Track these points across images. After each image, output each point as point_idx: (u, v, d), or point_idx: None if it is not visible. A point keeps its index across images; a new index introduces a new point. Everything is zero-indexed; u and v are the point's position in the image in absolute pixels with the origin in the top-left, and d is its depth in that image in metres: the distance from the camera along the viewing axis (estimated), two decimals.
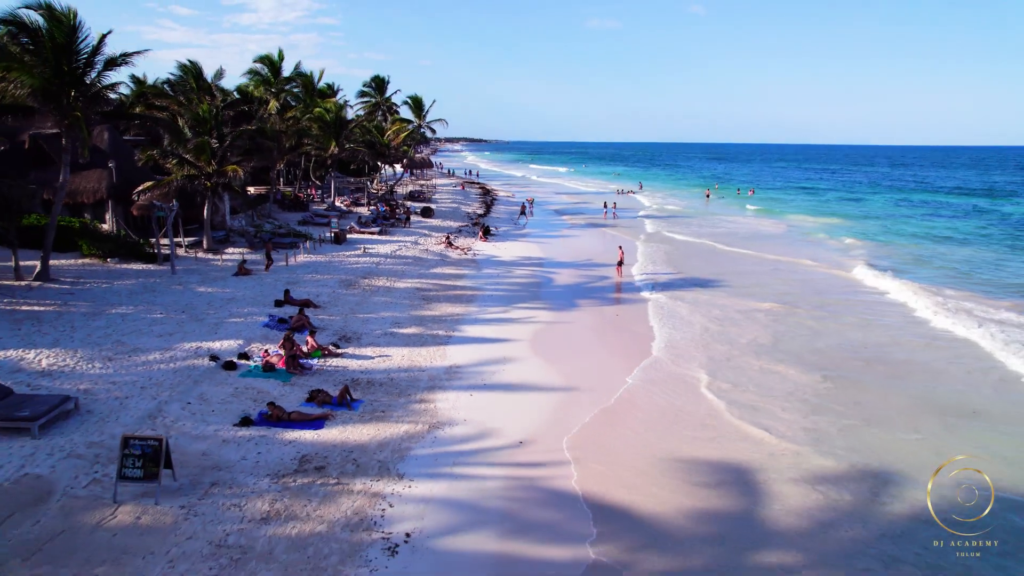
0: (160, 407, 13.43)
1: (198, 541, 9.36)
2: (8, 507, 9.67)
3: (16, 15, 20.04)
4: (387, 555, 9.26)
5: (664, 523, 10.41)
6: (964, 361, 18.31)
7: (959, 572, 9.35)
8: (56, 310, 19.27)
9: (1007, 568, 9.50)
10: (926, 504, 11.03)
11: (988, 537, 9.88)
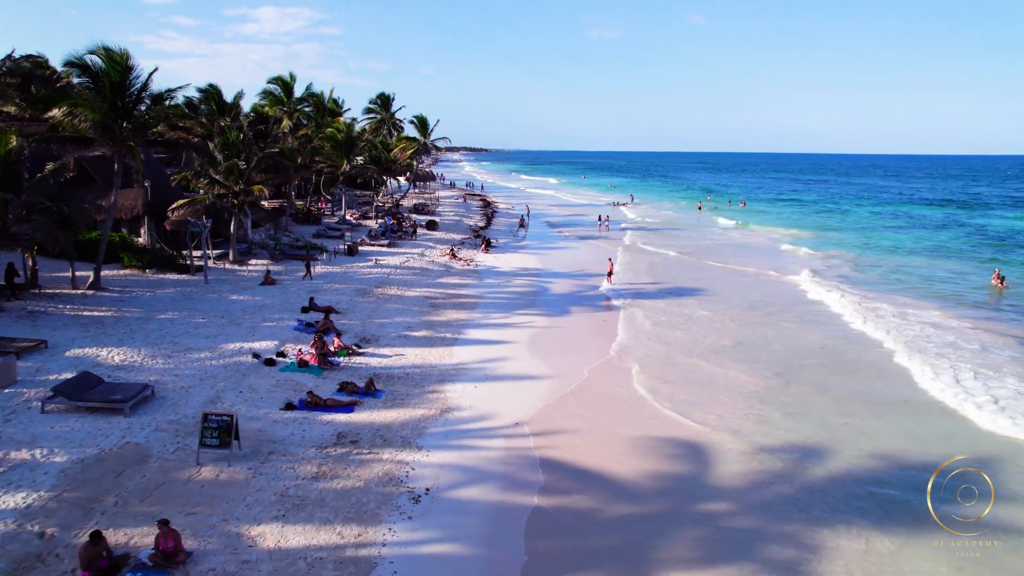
0: (218, 395, 16.27)
1: (265, 492, 12.16)
2: (120, 465, 12.51)
3: (81, 58, 23.04)
4: (412, 503, 12.07)
5: (625, 481, 13.23)
6: (892, 363, 21.10)
7: (853, 515, 12.14)
8: (113, 315, 22.13)
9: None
10: (844, 469, 13.87)
11: (988, 537, 11.24)
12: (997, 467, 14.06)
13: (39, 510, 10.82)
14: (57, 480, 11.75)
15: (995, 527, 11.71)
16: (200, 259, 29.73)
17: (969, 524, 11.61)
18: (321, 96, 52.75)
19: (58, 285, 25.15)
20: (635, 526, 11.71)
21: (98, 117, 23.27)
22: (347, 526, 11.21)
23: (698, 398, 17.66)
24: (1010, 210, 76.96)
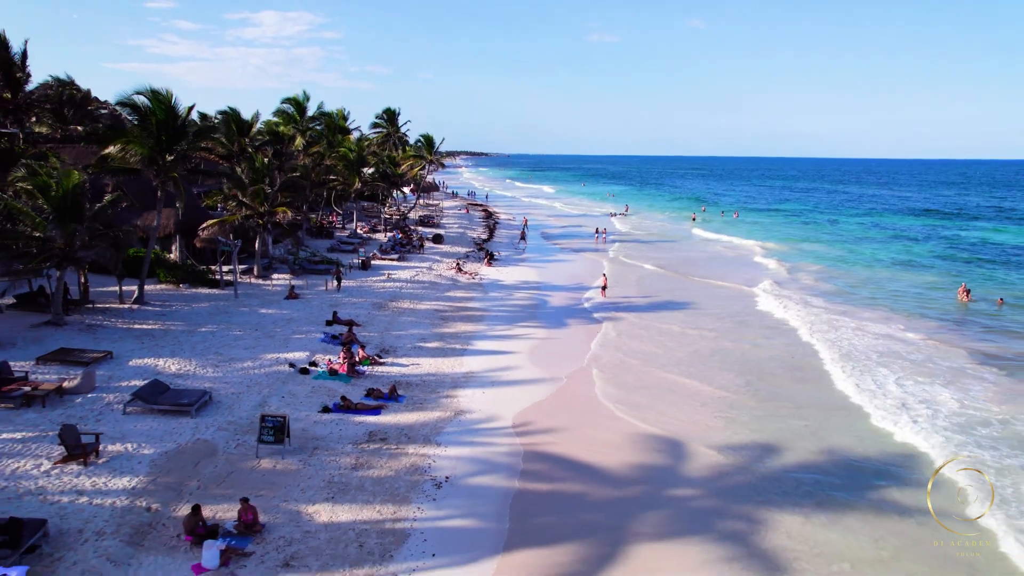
0: (264, 399, 19.07)
1: (315, 479, 14.95)
2: (196, 457, 15.32)
3: (131, 99, 25.91)
4: (435, 488, 14.86)
5: (608, 471, 16.03)
6: (833, 370, 23.86)
7: (799, 497, 14.92)
8: (161, 328, 24.94)
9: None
10: (795, 463, 16.63)
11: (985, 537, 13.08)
12: (894, 468, 16.88)
13: (142, 491, 13.62)
14: (150, 468, 14.56)
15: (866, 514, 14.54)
16: (230, 275, 32.59)
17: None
18: (332, 116, 55.61)
19: (106, 300, 27.98)
20: (615, 506, 14.49)
21: (146, 151, 26.14)
22: (384, 506, 14.00)
23: (671, 402, 20.46)
24: (991, 222, 79.75)
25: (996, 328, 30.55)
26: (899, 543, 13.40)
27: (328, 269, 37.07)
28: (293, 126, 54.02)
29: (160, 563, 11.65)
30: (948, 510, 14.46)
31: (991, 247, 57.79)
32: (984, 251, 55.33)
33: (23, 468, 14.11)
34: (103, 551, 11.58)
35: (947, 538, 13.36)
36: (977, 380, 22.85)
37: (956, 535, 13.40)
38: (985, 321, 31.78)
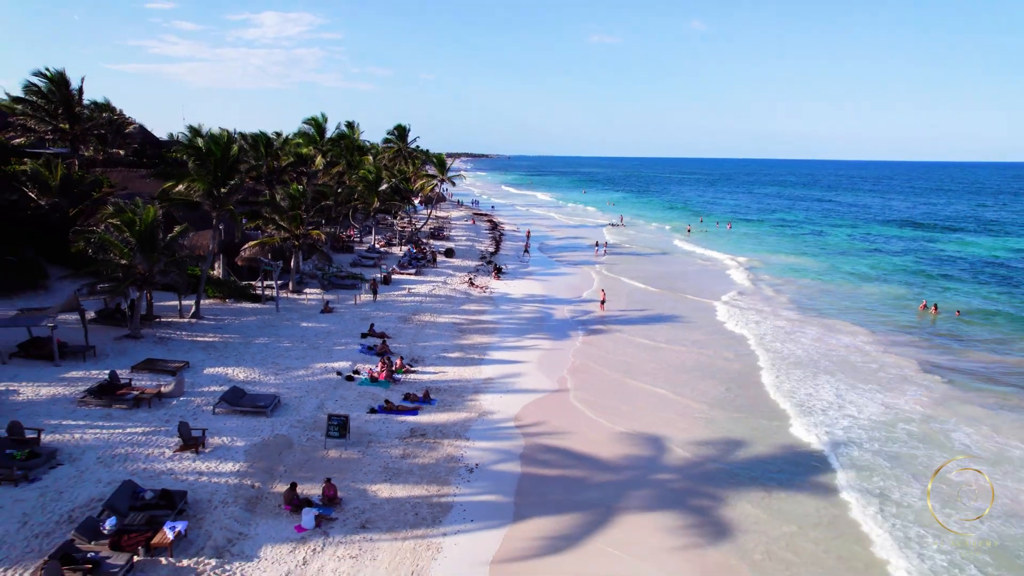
0: (322, 402, 23.15)
1: (373, 466, 19.01)
2: (278, 448, 19.41)
3: (193, 142, 30.01)
4: (468, 472, 18.92)
5: (599, 458, 20.11)
6: (786, 378, 27.97)
7: (756, 480, 18.97)
8: (221, 340, 29.03)
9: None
10: (762, 456, 20.69)
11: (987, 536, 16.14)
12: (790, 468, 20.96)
13: (244, 473, 17.70)
14: (245, 456, 18.64)
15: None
16: (268, 290, 36.71)
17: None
18: (350, 136, 59.77)
19: (167, 314, 32.06)
20: (608, 487, 18.56)
21: (205, 187, 30.26)
22: (430, 486, 18.07)
23: (649, 407, 24.55)
24: (968, 234, 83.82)
25: (951, 340, 34.63)
26: (836, 513, 17.49)
27: (355, 284, 41.17)
28: (314, 147, 58.25)
29: (270, 524, 15.73)
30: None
31: (962, 260, 61.83)
32: (955, 264, 59.38)
33: (153, 454, 18.21)
34: (230, 515, 15.67)
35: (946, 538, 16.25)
36: (917, 386, 26.94)
37: (956, 535, 16.35)
38: (943, 333, 35.84)
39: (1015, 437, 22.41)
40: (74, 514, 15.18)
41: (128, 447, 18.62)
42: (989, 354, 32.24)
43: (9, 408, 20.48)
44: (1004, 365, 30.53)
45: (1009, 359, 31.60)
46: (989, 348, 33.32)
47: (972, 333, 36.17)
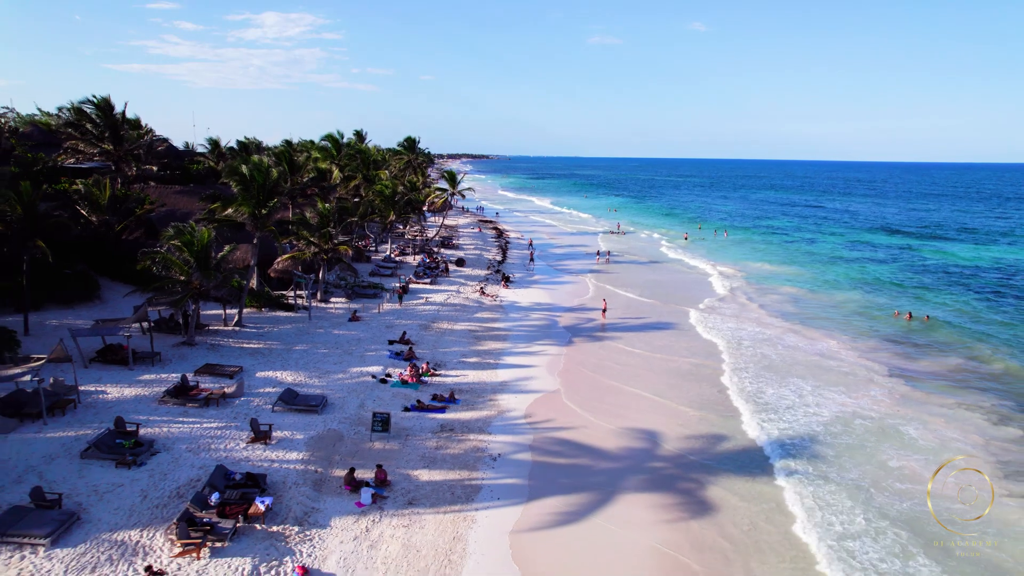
0: (363, 402, 26.83)
1: (413, 455, 22.70)
2: (331, 440, 23.10)
3: (239, 170, 33.70)
4: (492, 460, 22.61)
5: (602, 448, 23.79)
6: (754, 380, 31.64)
7: (726, 468, 22.63)
8: (265, 347, 32.72)
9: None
10: (733, 449, 24.36)
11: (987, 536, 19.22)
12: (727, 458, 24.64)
13: (307, 460, 21.39)
14: (306, 446, 22.32)
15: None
16: (299, 299, 40.39)
17: None
18: (367, 152, 63.52)
19: (212, 322, 35.73)
20: (606, 472, 22.23)
21: (250, 210, 33.96)
22: (461, 471, 21.74)
23: (644, 406, 28.24)
24: (951, 242, 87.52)
25: (919, 345, 38.29)
26: (778, 495, 21.18)
27: (376, 293, 44.86)
28: (331, 161, 61.96)
29: (335, 501, 19.41)
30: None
31: (941, 269, 65.47)
32: (933, 273, 63.01)
33: (230, 445, 21.91)
34: (302, 493, 19.36)
35: (947, 538, 18.39)
36: (880, 388, 30.63)
37: (957, 535, 18.71)
38: (912, 339, 39.49)
39: (959, 431, 26.09)
40: (180, 490, 18.88)
41: (208, 439, 22.32)
42: (953, 359, 35.86)
43: (103, 406, 24.20)
44: (964, 369, 34.18)
45: (970, 364, 35.21)
46: (954, 353, 36.96)
47: (939, 339, 39.81)
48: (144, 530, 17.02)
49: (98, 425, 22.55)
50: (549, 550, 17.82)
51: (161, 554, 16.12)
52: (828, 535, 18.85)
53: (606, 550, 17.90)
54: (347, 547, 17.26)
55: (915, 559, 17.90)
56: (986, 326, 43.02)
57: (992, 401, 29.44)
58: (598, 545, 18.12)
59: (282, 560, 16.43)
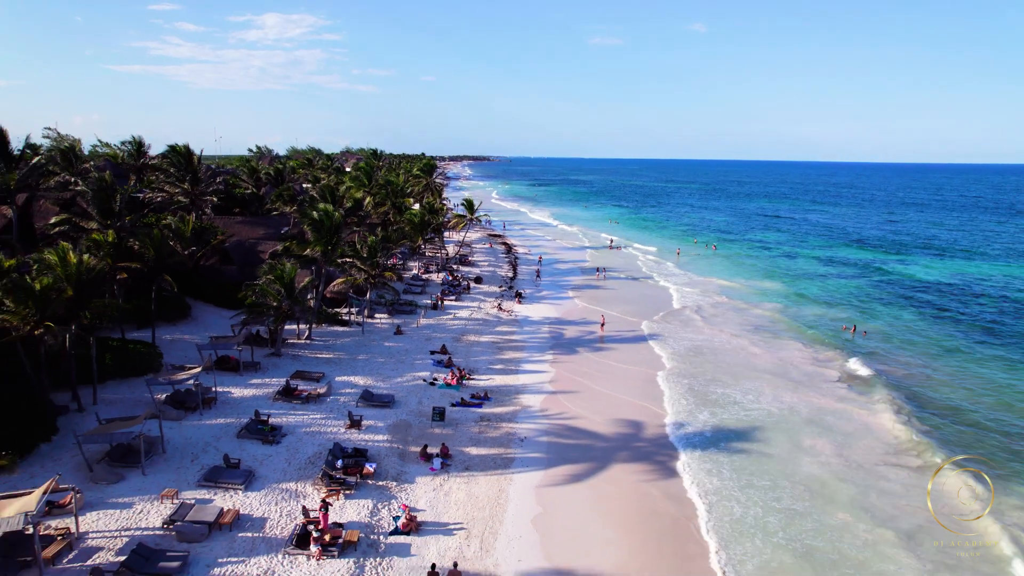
0: (420, 400, 35.63)
1: (463, 437, 31.50)
2: (404, 426, 31.96)
3: (311, 215, 42.52)
4: (520, 441, 31.42)
5: (599, 432, 32.60)
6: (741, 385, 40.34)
7: (697, 447, 31.40)
8: (335, 357, 41.51)
9: None
10: (693, 432, 33.14)
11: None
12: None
13: (390, 440, 30.18)
14: (386, 431, 31.11)
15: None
16: (352, 316, 49.18)
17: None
18: (396, 183, 72.38)
19: (287, 336, 44.49)
20: (602, 449, 30.97)
21: (322, 248, 42.77)
22: (499, 448, 30.52)
23: (630, 403, 36.99)
24: (921, 255, 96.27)
25: (873, 354, 46.77)
26: (710, 467, 29.93)
27: (412, 309, 53.65)
28: (364, 190, 70.76)
29: (414, 467, 28.18)
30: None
31: (901, 284, 74.17)
32: (893, 288, 71.68)
33: (333, 430, 30.70)
34: (392, 462, 28.16)
35: (947, 538, 27.28)
36: (828, 385, 39.33)
37: (958, 535, 26.77)
38: (854, 348, 48.16)
39: (875, 420, 34.81)
40: (310, 459, 27.67)
41: (317, 426, 31.13)
42: (886, 365, 44.56)
43: (233, 403, 33.04)
44: (895, 373, 42.88)
45: (899, 371, 43.90)
46: (891, 360, 45.64)
47: (870, 348, 48.49)
48: (296, 483, 25.83)
49: (237, 416, 31.39)
50: (561, 498, 26.60)
51: (313, 496, 24.91)
52: (738, 484, 27.62)
53: (600, 499, 26.68)
54: (430, 495, 26.06)
55: (795, 506, 26.66)
56: (917, 336, 51.73)
57: (900, 398, 38.16)
58: (594, 496, 26.91)
59: (389, 502, 25.23)
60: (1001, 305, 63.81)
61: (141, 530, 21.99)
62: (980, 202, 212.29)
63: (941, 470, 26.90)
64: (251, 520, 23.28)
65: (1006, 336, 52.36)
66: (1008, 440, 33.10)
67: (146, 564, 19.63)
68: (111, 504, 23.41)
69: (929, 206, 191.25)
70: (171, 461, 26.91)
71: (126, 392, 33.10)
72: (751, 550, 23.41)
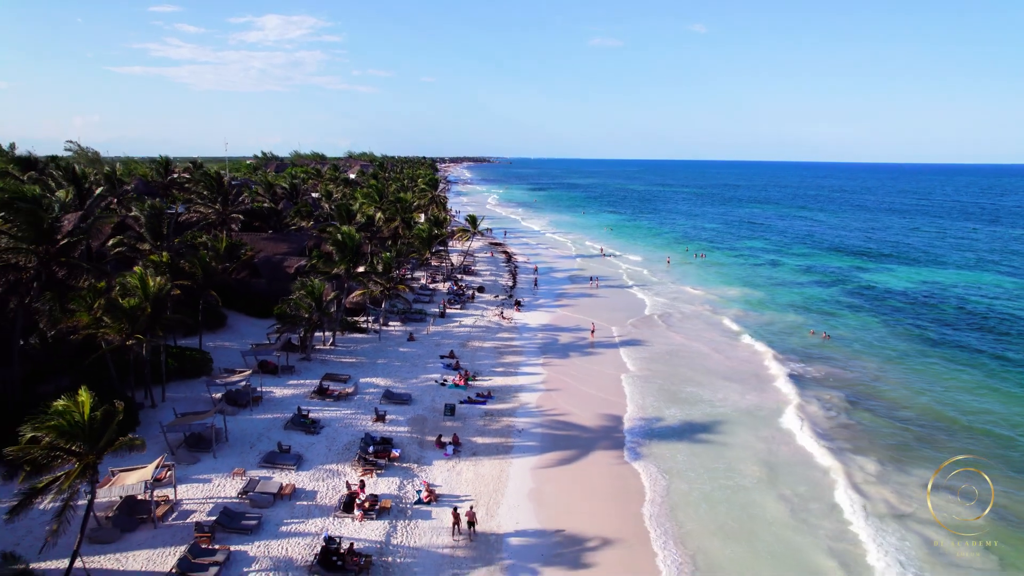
0: (433, 399, 41.78)
1: (471, 428, 37.66)
2: (420, 420, 38.14)
3: (335, 237, 48.66)
4: (518, 432, 37.59)
5: (584, 424, 38.75)
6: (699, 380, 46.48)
7: (669, 439, 37.53)
8: (357, 361, 47.66)
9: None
10: (662, 426, 39.30)
11: (987, 537, 32.39)
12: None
13: (410, 431, 36.34)
14: (407, 424, 37.27)
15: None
16: (369, 324, 55.31)
17: None
18: (405, 200, 78.53)
19: (315, 343, 50.58)
20: (587, 438, 37.09)
21: (346, 266, 48.89)
22: (500, 438, 36.66)
23: (613, 401, 43.10)
24: (895, 263, 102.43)
25: (829, 358, 52.88)
26: (673, 453, 36.05)
27: (422, 317, 59.79)
28: (375, 206, 76.94)
29: (431, 453, 34.32)
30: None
31: (871, 292, 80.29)
32: (864, 296, 77.81)
33: (363, 423, 36.85)
34: (413, 449, 34.31)
35: (947, 538, 35.51)
36: (776, 388, 45.44)
37: (958, 535, 35.25)
38: (827, 353, 54.18)
39: (816, 419, 40.89)
40: (346, 446, 33.80)
41: (349, 420, 37.26)
42: (839, 370, 50.63)
43: (276, 401, 39.18)
44: (843, 375, 48.97)
45: (848, 373, 49.97)
46: (845, 363, 51.71)
47: (839, 353, 54.58)
48: (337, 464, 31.99)
49: (280, 412, 37.53)
50: (551, 477, 32.71)
51: (351, 475, 31.02)
52: (691, 466, 33.74)
53: (582, 477, 32.79)
54: (445, 474, 32.19)
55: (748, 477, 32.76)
56: (876, 341, 57.85)
57: (840, 396, 44.25)
58: (578, 475, 33.02)
59: (412, 479, 31.36)
60: (956, 313, 69.90)
61: (222, 499, 28.13)
62: (964, 207, 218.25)
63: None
64: (304, 492, 29.42)
65: (953, 342, 58.46)
66: (922, 431, 39.20)
67: (232, 521, 25.76)
68: (194, 480, 29.55)
69: (912, 212, 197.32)
70: (234, 447, 33.06)
71: (186, 391, 39.26)
72: (695, 515, 29.52)
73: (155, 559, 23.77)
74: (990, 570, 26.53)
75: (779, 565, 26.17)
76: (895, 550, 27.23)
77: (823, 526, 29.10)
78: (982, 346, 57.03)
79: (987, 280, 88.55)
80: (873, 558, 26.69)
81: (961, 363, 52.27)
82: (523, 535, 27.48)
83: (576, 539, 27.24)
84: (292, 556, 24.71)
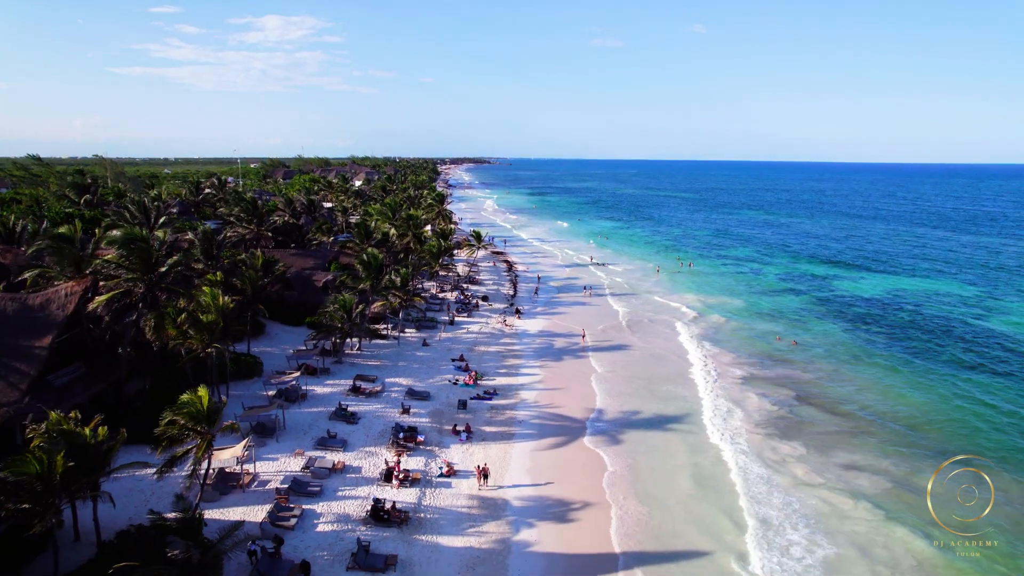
0: (448, 396, 49.84)
1: (480, 420, 45.71)
2: (439, 413, 46.23)
3: (363, 258, 56.73)
4: (519, 423, 45.67)
5: (574, 416, 46.81)
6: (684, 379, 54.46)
7: (648, 430, 45.56)
8: (381, 364, 55.73)
9: None
10: (638, 419, 47.32)
11: (987, 537, 40.50)
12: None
13: (430, 421, 44.42)
14: (428, 416, 45.33)
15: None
16: (389, 331, 63.36)
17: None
18: (416, 216, 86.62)
19: (344, 348, 58.60)
20: (577, 428, 45.11)
21: (370, 283, 56.96)
22: (503, 427, 44.71)
23: (598, 396, 51.12)
24: (869, 272, 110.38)
25: (780, 362, 60.88)
26: (660, 441, 44.08)
27: (434, 324, 67.83)
28: (389, 223, 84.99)
29: (449, 438, 42.38)
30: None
31: (842, 299, 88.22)
32: (834, 304, 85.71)
33: (392, 415, 44.94)
34: (434, 435, 42.40)
35: (948, 538, 43.48)
36: (736, 386, 53.42)
37: (958, 536, 43.13)
38: (790, 356, 62.09)
39: (756, 411, 48.84)
40: (380, 433, 41.84)
41: (380, 413, 45.31)
42: (796, 371, 58.56)
43: (318, 397, 47.24)
44: (800, 377, 56.90)
45: (807, 376, 57.86)
46: (805, 365, 59.62)
47: (802, 355, 62.49)
48: (375, 447, 40.05)
49: (323, 406, 45.58)
50: (546, 457, 40.73)
51: (387, 455, 39.04)
52: (659, 451, 41.77)
53: (570, 458, 40.80)
54: (460, 455, 40.22)
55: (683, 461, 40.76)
56: (837, 346, 65.80)
57: (791, 396, 52.21)
58: (567, 456, 41.04)
59: (435, 458, 39.40)
60: (916, 319, 77.85)
61: (289, 472, 36.17)
62: (948, 213, 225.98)
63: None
64: (352, 468, 37.47)
65: (908, 348, 66.43)
66: (854, 425, 47.13)
67: (301, 488, 33.80)
68: (265, 459, 37.61)
69: (895, 218, 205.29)
70: (291, 434, 41.11)
71: (244, 390, 47.30)
72: (661, 487, 37.53)
73: (249, 513, 31.80)
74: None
75: (682, 521, 34.19)
76: (779, 511, 35.12)
77: (724, 493, 37.08)
78: (927, 347, 65.07)
79: (946, 288, 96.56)
80: (764, 515, 34.60)
81: (903, 364, 60.29)
82: (522, 499, 35.50)
83: (561, 501, 35.30)
84: (349, 512, 32.77)
